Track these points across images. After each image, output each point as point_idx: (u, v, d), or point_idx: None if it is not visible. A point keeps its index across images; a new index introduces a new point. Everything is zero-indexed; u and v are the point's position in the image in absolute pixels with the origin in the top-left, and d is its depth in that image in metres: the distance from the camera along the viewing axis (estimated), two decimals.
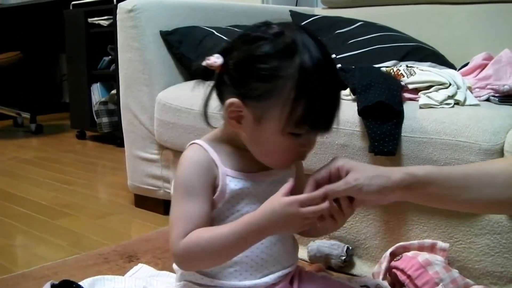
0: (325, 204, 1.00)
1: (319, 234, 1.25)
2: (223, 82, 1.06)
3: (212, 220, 1.09)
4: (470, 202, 1.08)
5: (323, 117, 1.03)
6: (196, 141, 1.13)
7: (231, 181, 1.09)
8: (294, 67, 0.99)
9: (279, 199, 1.00)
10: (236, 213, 1.09)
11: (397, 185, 1.04)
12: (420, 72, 1.66)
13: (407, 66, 1.72)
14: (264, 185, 1.07)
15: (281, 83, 0.99)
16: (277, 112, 1.00)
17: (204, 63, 1.06)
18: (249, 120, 1.04)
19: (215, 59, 1.05)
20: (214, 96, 1.11)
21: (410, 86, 1.62)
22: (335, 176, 1.06)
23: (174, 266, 1.19)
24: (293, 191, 1.02)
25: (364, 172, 1.05)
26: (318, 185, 1.05)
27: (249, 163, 1.10)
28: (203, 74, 1.09)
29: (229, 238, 1.02)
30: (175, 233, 1.05)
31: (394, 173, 1.06)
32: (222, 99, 1.09)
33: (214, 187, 1.09)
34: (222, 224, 1.08)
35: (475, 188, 1.07)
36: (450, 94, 1.55)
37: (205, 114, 1.12)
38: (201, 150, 1.10)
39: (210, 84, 1.11)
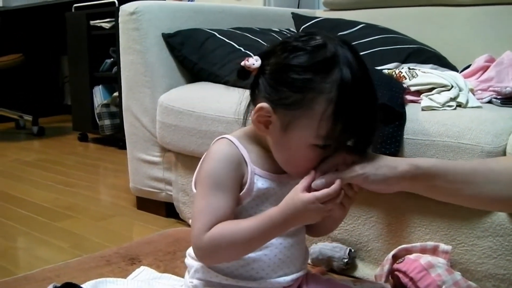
0: (341, 196, 1.02)
1: (327, 230, 1.26)
2: (258, 85, 1.07)
3: (235, 217, 1.09)
4: (473, 197, 1.09)
5: (361, 136, 1.04)
6: (226, 136, 1.13)
7: (259, 179, 1.10)
8: (330, 82, 0.99)
9: (300, 197, 1.01)
10: (260, 212, 1.10)
11: (403, 176, 1.05)
12: (422, 74, 1.66)
13: (409, 68, 1.72)
14: (289, 186, 1.07)
15: (313, 96, 0.99)
16: (306, 124, 1.01)
17: (242, 63, 1.08)
18: (276, 126, 1.05)
19: (254, 61, 1.07)
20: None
21: (412, 88, 1.62)
22: (342, 164, 1.06)
23: (187, 261, 1.20)
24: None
25: (370, 161, 1.06)
26: (323, 173, 1.05)
27: (275, 164, 1.11)
28: (239, 74, 1.09)
29: (253, 232, 1.04)
30: (199, 226, 1.06)
31: (400, 163, 1.07)
32: (254, 101, 1.10)
33: (241, 184, 1.10)
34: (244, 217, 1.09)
35: (479, 184, 1.07)
36: (452, 96, 1.55)
37: (245, 116, 1.15)
38: (232, 145, 1.11)
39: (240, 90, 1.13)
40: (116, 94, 3.79)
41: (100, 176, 3.23)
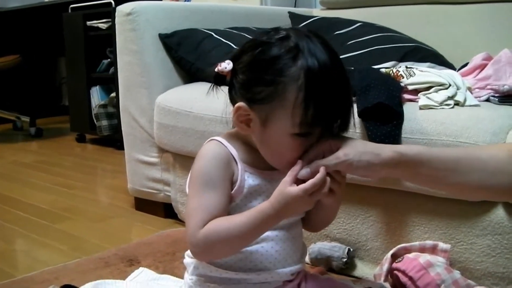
0: (327, 184, 1.03)
1: (324, 222, 1.26)
2: (234, 87, 1.10)
3: (228, 215, 1.11)
4: (458, 185, 1.10)
5: (334, 119, 1.06)
6: (215, 137, 1.16)
7: (249, 177, 1.12)
8: (297, 70, 1.01)
9: (288, 191, 1.02)
10: (255, 202, 1.11)
11: (386, 163, 1.06)
12: (420, 73, 1.65)
13: (406, 67, 1.72)
14: (280, 182, 1.08)
15: (283, 86, 1.02)
16: (282, 114, 1.03)
17: (216, 69, 1.11)
18: (256, 123, 1.07)
19: (226, 65, 1.10)
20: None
21: (410, 87, 1.61)
22: (328, 151, 1.07)
23: (186, 260, 1.21)
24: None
25: (354, 147, 1.06)
26: (310, 161, 1.06)
27: (265, 162, 1.12)
28: (216, 80, 1.13)
29: (246, 226, 1.05)
30: (193, 224, 1.07)
31: (384, 150, 1.07)
32: (233, 103, 1.12)
33: (231, 182, 1.11)
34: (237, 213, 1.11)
35: (465, 172, 1.08)
36: (450, 94, 1.55)
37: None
38: (221, 146, 1.13)
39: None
40: (113, 94, 3.79)
41: (98, 177, 3.23)
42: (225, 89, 1.15)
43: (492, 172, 1.08)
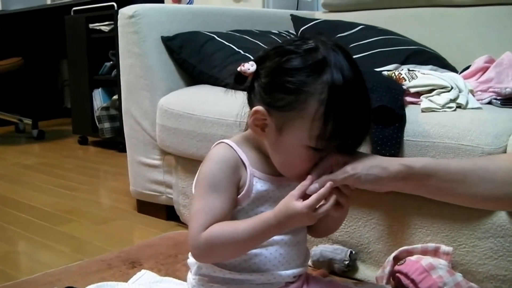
0: (332, 199, 1.04)
1: (329, 231, 1.27)
2: (253, 89, 1.10)
3: (234, 218, 1.11)
4: (467, 196, 1.09)
5: (351, 137, 1.05)
6: (224, 140, 1.15)
7: (258, 182, 1.12)
8: (321, 84, 1.01)
9: (293, 205, 1.03)
10: (258, 214, 1.11)
11: (394, 177, 1.06)
12: (422, 76, 1.65)
13: (408, 70, 1.72)
14: (288, 189, 1.08)
15: (305, 97, 1.02)
16: (299, 125, 1.03)
17: (238, 69, 1.10)
18: (271, 129, 1.07)
19: (249, 66, 1.09)
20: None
21: (412, 90, 1.62)
22: (336, 166, 1.07)
23: (189, 260, 1.21)
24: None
25: (362, 161, 1.06)
26: (319, 176, 1.06)
27: (274, 167, 1.12)
28: (236, 79, 1.13)
29: (248, 234, 1.05)
30: (196, 226, 1.07)
31: (392, 164, 1.07)
32: (250, 105, 1.12)
33: (238, 187, 1.11)
34: (244, 217, 1.11)
35: (473, 183, 1.08)
36: (452, 97, 1.55)
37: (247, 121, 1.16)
38: (230, 149, 1.13)
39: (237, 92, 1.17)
40: (115, 97, 3.79)
41: (100, 180, 3.23)
42: (236, 92, 1.15)
43: (501, 183, 1.07)
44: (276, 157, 1.10)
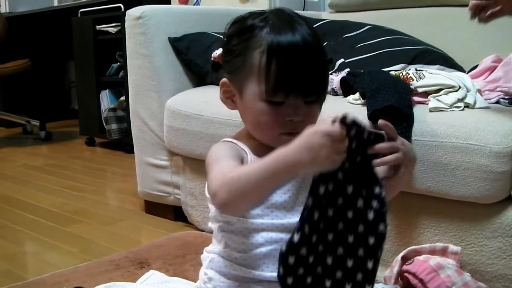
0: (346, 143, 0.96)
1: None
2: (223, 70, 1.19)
3: None
4: None
5: (295, 81, 1.06)
6: (225, 139, 1.19)
7: None
8: (262, 36, 1.08)
9: (314, 127, 0.95)
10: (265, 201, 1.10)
11: None
12: (429, 76, 1.65)
13: (416, 70, 1.71)
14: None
15: (250, 54, 1.08)
16: (251, 82, 1.09)
17: (212, 58, 1.22)
18: (236, 96, 1.15)
19: (217, 51, 1.21)
20: None
21: (420, 90, 1.61)
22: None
23: (203, 255, 1.21)
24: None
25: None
26: None
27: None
28: (212, 67, 1.24)
29: (265, 169, 0.98)
30: (215, 176, 1.04)
31: None
32: None
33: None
34: (249, 212, 1.11)
35: None
36: (460, 97, 1.55)
37: None
38: (231, 143, 1.16)
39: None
40: (123, 98, 3.80)
41: (107, 180, 3.24)
42: None
43: None
44: (248, 123, 1.15)
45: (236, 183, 1.00)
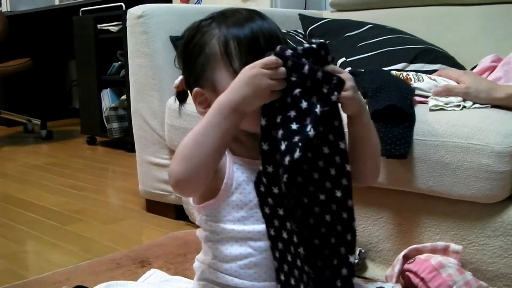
0: (282, 70, 0.99)
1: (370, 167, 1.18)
2: (189, 87, 1.19)
3: (219, 212, 1.12)
4: None
5: (258, 44, 1.08)
6: None
7: (238, 169, 1.12)
8: (213, 28, 1.11)
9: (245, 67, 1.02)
10: (245, 201, 1.10)
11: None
12: (429, 81, 1.65)
13: (416, 73, 1.71)
14: None
15: (208, 46, 1.10)
16: (220, 70, 1.09)
17: (175, 89, 1.26)
18: (211, 96, 1.11)
19: (176, 81, 1.24)
20: None
21: (417, 92, 1.61)
22: None
23: (195, 264, 1.22)
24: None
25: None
26: None
27: (251, 150, 1.11)
28: (178, 98, 1.31)
29: (211, 120, 1.01)
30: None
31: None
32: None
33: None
34: (235, 210, 1.11)
35: None
36: (457, 102, 1.55)
37: None
38: None
39: None
40: (124, 97, 3.80)
41: (109, 179, 3.24)
42: None
43: None
44: None
45: (184, 149, 1.03)
